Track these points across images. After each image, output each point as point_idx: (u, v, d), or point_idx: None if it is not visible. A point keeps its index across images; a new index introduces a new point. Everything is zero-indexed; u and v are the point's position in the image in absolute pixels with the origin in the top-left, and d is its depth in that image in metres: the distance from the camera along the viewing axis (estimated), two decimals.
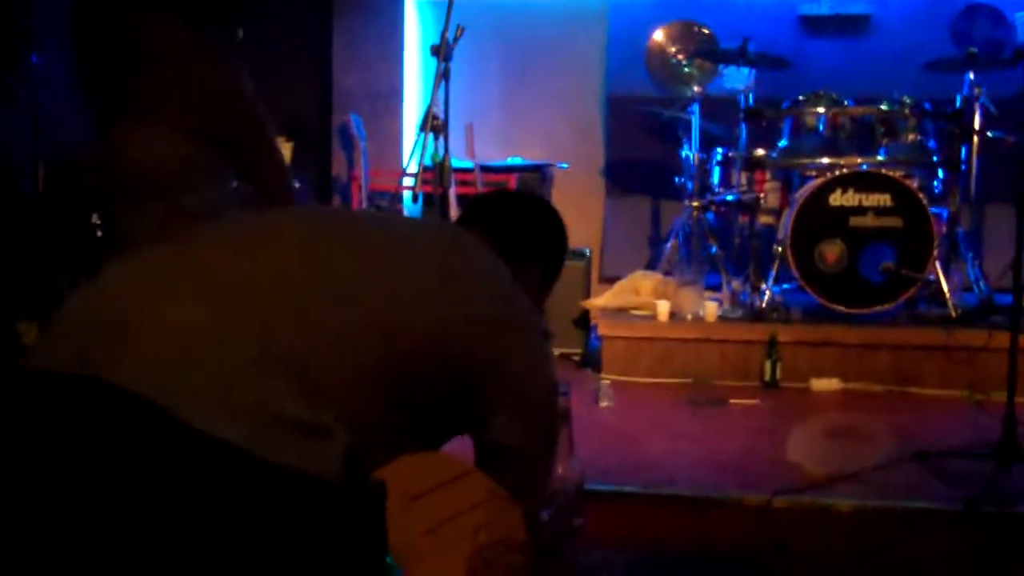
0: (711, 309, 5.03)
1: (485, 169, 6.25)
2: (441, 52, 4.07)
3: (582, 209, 6.76)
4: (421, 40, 7.05)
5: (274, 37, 6.48)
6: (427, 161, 4.44)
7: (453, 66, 4.35)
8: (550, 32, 6.88)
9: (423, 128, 4.44)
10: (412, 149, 4.83)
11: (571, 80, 6.97)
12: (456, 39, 4.41)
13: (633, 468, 3.34)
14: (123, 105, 2.54)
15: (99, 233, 4.38)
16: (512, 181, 6.42)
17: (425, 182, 4.64)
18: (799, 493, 3.02)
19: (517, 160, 6.62)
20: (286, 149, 6.22)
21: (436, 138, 4.44)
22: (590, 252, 5.69)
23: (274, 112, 2.66)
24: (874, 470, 3.28)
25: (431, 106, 4.41)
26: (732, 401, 4.51)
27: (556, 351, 5.43)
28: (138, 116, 2.50)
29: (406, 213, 6.52)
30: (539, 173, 6.54)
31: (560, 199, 6.56)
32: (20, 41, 4.91)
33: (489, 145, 6.50)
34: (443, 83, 4.15)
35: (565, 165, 6.68)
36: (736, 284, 5.20)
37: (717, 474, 3.33)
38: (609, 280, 5.98)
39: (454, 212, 5.90)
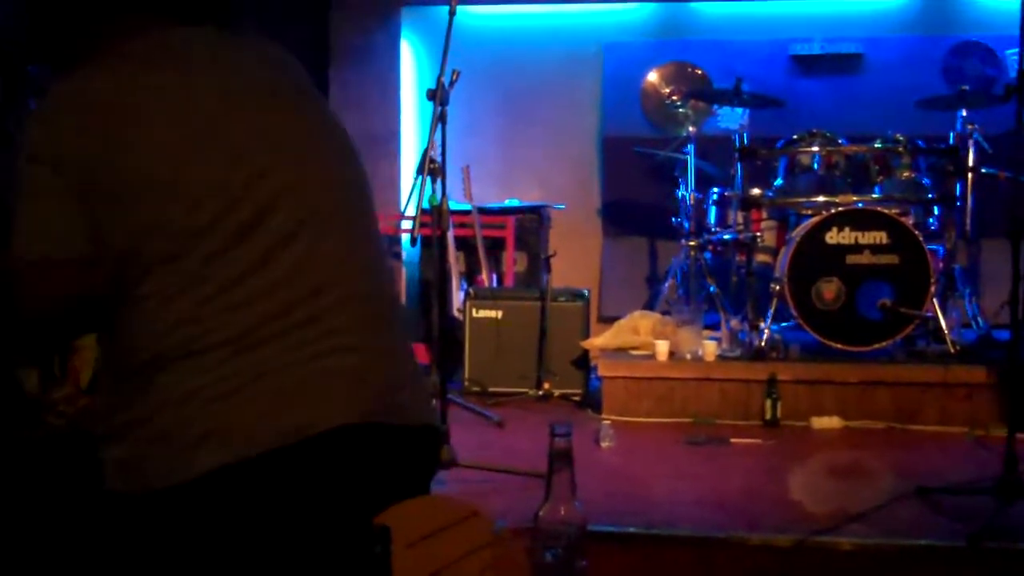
0: (710, 348, 5.03)
1: (482, 211, 6.28)
2: (437, 96, 4.10)
3: (580, 250, 6.79)
4: (417, 84, 7.11)
5: None
6: (425, 204, 4.47)
7: (450, 109, 4.38)
8: (545, 75, 6.93)
9: (420, 171, 4.46)
10: (410, 192, 4.85)
11: (567, 122, 7.02)
12: (452, 83, 4.44)
13: (636, 509, 3.33)
14: None
15: None
16: (509, 223, 6.44)
17: (423, 225, 4.66)
18: (802, 532, 3.02)
19: (514, 202, 6.65)
20: None
21: (433, 181, 4.46)
22: (588, 293, 5.70)
23: None
24: (876, 508, 3.28)
25: (428, 149, 4.44)
26: (733, 440, 4.50)
27: (556, 392, 5.44)
28: None
29: (404, 255, 6.55)
30: (537, 214, 6.57)
31: (558, 240, 6.59)
32: (17, 85, 4.93)
33: (486, 187, 6.53)
34: (440, 127, 4.18)
35: (562, 206, 6.71)
36: (734, 323, 5.20)
37: (719, 514, 3.32)
38: (608, 320, 5.99)
39: (452, 255, 5.94)
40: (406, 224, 6.37)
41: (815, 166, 5.43)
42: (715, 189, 5.75)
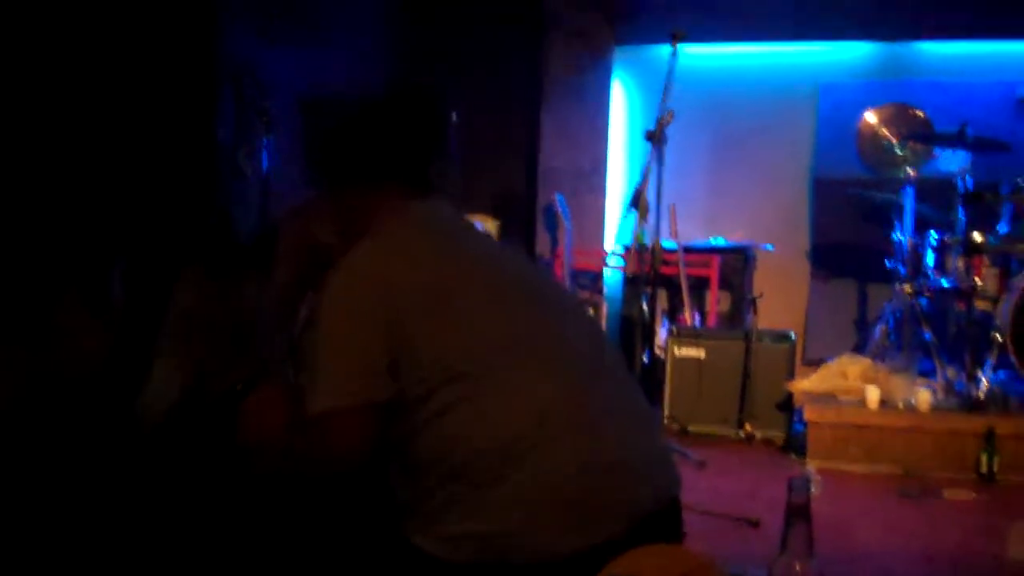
0: (924, 397, 4.87)
1: (687, 250, 6.26)
2: (656, 138, 4.15)
3: (786, 291, 6.68)
4: (628, 121, 7.16)
5: (486, 121, 6.71)
6: (629, 241, 4.51)
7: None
8: (757, 114, 6.86)
9: (631, 208, 4.51)
10: (618, 229, 4.92)
11: (777, 162, 6.93)
12: (667, 123, 4.48)
13: (848, 561, 3.26)
14: None
15: None
16: (714, 262, 6.40)
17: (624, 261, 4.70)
18: None
19: (720, 241, 6.61)
20: (492, 227, 6.40)
21: (642, 219, 4.50)
22: (794, 335, 5.61)
23: (483, 191, 2.78)
24: None
25: (640, 188, 4.48)
26: (946, 494, 4.35)
27: (759, 434, 5.36)
28: None
29: (605, 291, 6.58)
30: (742, 254, 6.51)
31: (763, 280, 6.51)
32: (254, 123, 5.24)
33: (692, 226, 6.50)
34: (655, 167, 4.22)
35: (770, 247, 6.63)
36: (951, 372, 5.03)
37: (933, 571, 3.22)
38: (813, 363, 5.87)
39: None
40: (613, 260, 6.42)
41: None
42: (934, 233, 5.56)
